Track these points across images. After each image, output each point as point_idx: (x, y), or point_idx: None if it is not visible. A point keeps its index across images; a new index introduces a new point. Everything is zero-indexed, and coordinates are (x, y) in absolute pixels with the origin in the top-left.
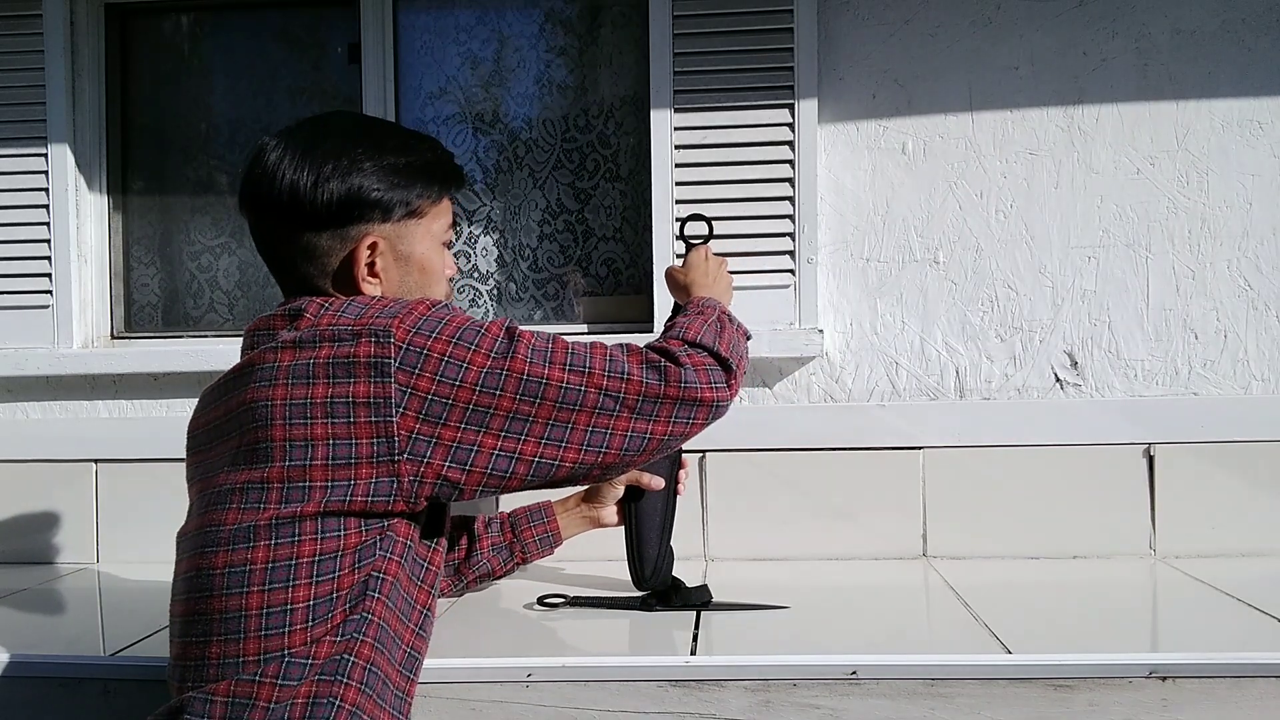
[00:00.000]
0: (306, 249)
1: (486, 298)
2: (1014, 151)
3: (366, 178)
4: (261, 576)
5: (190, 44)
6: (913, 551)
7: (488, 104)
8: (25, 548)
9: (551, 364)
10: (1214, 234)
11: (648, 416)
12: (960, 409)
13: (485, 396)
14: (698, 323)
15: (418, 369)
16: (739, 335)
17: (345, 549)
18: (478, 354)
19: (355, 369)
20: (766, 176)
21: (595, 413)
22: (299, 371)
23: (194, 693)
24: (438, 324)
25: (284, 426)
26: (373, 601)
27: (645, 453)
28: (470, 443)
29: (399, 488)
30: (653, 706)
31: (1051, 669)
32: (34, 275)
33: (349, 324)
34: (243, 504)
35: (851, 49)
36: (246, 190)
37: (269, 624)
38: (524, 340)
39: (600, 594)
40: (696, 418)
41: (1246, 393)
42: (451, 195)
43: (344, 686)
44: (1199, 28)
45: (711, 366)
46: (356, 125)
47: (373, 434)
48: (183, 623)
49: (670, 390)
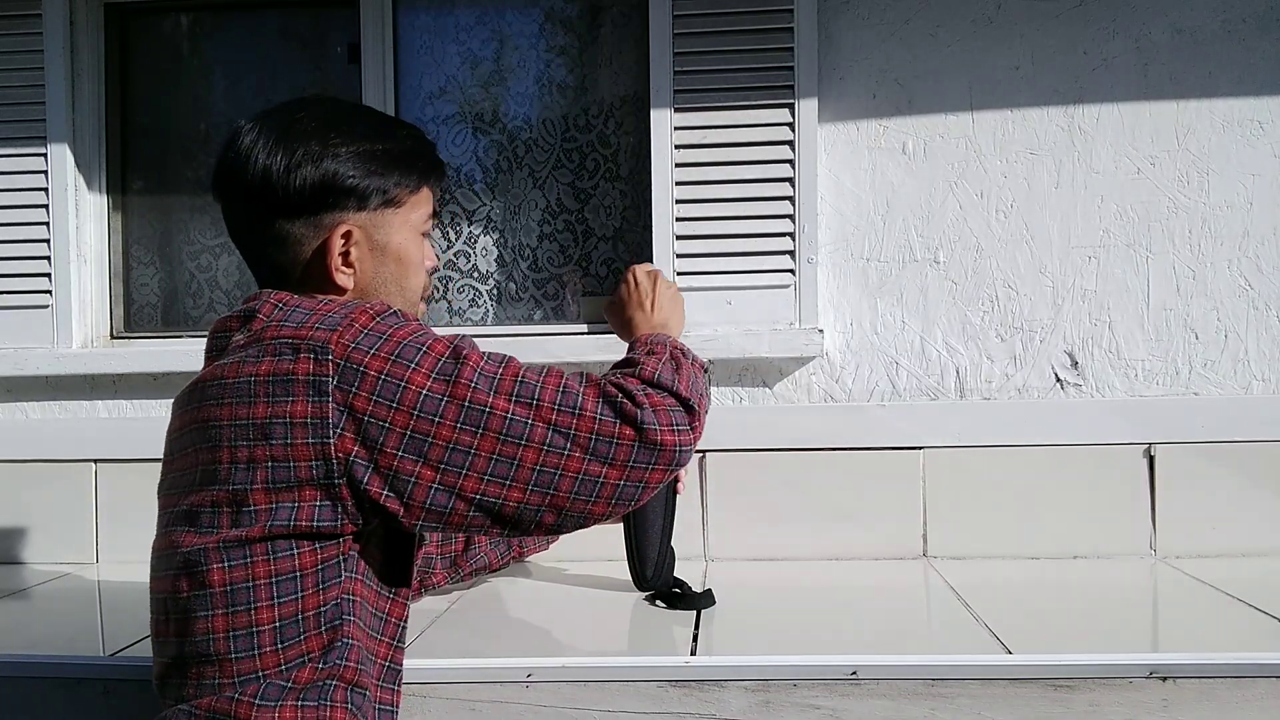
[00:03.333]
0: (279, 237)
1: (486, 298)
2: (1014, 151)
3: (342, 164)
4: (222, 600)
5: (190, 44)
6: (913, 551)
7: (488, 104)
8: (25, 548)
9: (497, 392)
10: (1214, 234)
11: (602, 459)
12: (960, 409)
13: (423, 422)
14: (651, 361)
15: (354, 387)
16: (696, 370)
17: (302, 569)
18: (417, 373)
19: (293, 387)
20: (766, 176)
21: (543, 450)
22: (241, 389)
23: (178, 705)
24: (378, 339)
25: (230, 449)
26: (349, 626)
27: (599, 501)
28: (408, 472)
29: (344, 510)
30: (653, 706)
31: (1051, 669)
32: (34, 275)
33: (290, 334)
34: (197, 526)
35: (851, 49)
36: (219, 174)
37: (238, 646)
38: (470, 363)
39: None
40: (657, 463)
41: (1247, 393)
42: (432, 185)
43: (330, 709)
44: (1199, 27)
45: (673, 408)
46: (334, 110)
47: (311, 456)
48: (160, 643)
49: (626, 430)
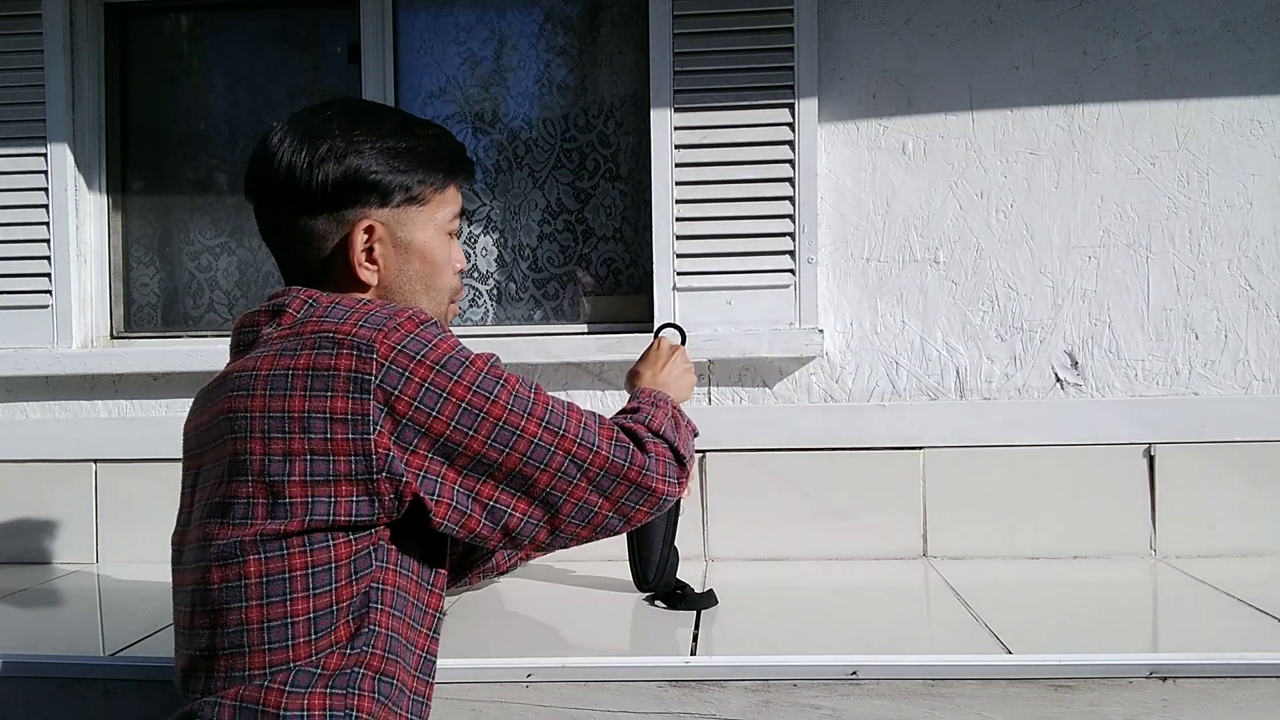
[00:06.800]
0: (304, 233)
1: (486, 298)
2: (1014, 151)
3: (364, 159)
4: (257, 591)
5: (190, 44)
6: (913, 551)
7: (487, 104)
8: (25, 548)
9: (530, 416)
10: (1214, 234)
11: (602, 492)
12: (960, 409)
13: (458, 434)
14: (658, 414)
15: (397, 390)
16: (689, 433)
17: (338, 560)
18: (459, 386)
19: (334, 382)
20: (766, 176)
21: (557, 475)
22: (277, 382)
23: (203, 698)
24: (423, 346)
25: (263, 440)
26: (377, 614)
27: (587, 527)
28: (435, 473)
29: (380, 505)
30: (653, 707)
31: (1051, 669)
32: (34, 275)
33: (331, 329)
34: (231, 519)
35: (851, 49)
36: (248, 174)
37: (271, 638)
38: (508, 385)
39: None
40: (643, 505)
41: (1247, 393)
42: (459, 184)
43: (358, 698)
44: (1199, 27)
45: (670, 460)
46: (360, 109)
47: (350, 451)
48: (188, 635)
49: (631, 473)
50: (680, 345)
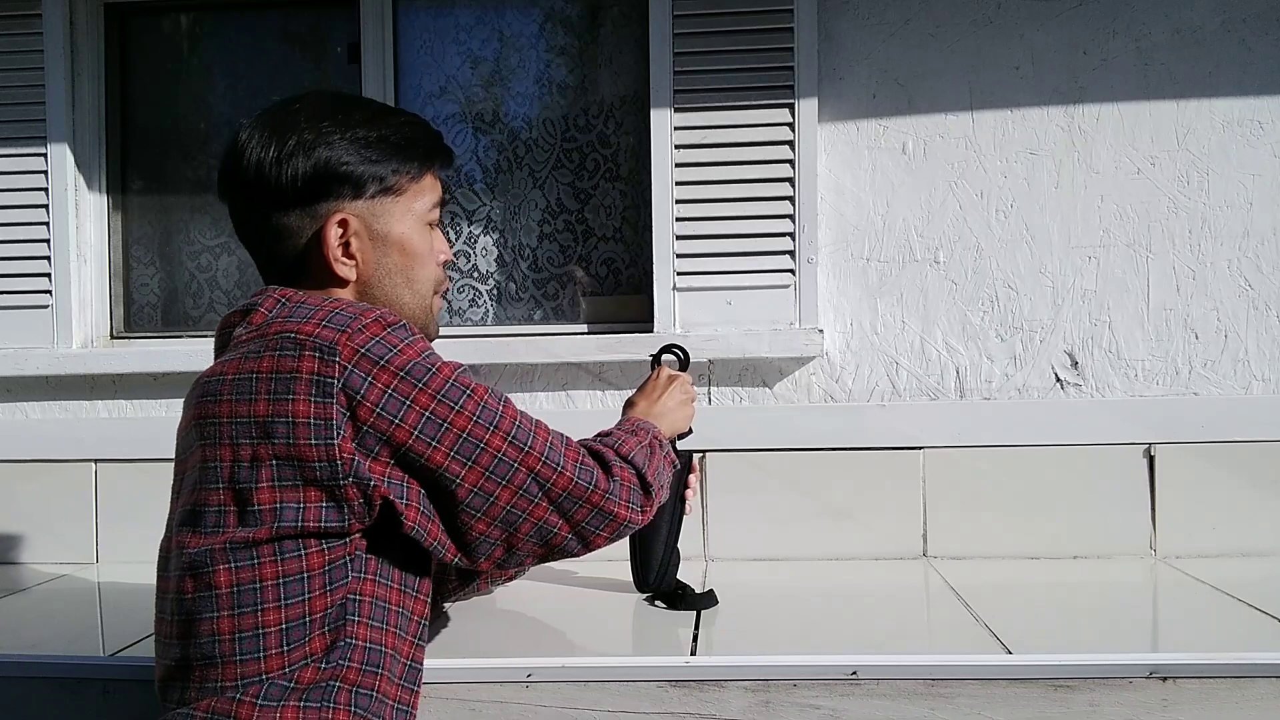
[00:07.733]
0: (277, 230)
1: (486, 298)
2: (1014, 151)
3: (334, 150)
4: (228, 601)
5: (190, 44)
6: (913, 551)
7: (488, 104)
8: (25, 548)
9: (496, 429)
10: (1214, 234)
11: (563, 513)
12: (960, 409)
13: (420, 444)
14: (631, 441)
15: (360, 395)
16: (665, 463)
17: (310, 570)
18: (423, 394)
19: (296, 385)
20: (766, 176)
21: (518, 493)
22: (242, 386)
23: (177, 709)
24: (389, 350)
25: (231, 446)
26: (354, 626)
27: (544, 546)
28: (399, 479)
29: (350, 511)
30: (653, 707)
31: (1051, 669)
32: (34, 275)
33: (294, 330)
34: (203, 527)
35: (851, 49)
36: (220, 174)
37: (243, 649)
38: (475, 396)
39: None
40: (603, 530)
41: (1247, 393)
42: (436, 172)
43: (333, 711)
44: (1199, 27)
45: (635, 486)
46: (330, 100)
47: (315, 456)
48: (165, 644)
49: (594, 497)
50: (682, 372)
